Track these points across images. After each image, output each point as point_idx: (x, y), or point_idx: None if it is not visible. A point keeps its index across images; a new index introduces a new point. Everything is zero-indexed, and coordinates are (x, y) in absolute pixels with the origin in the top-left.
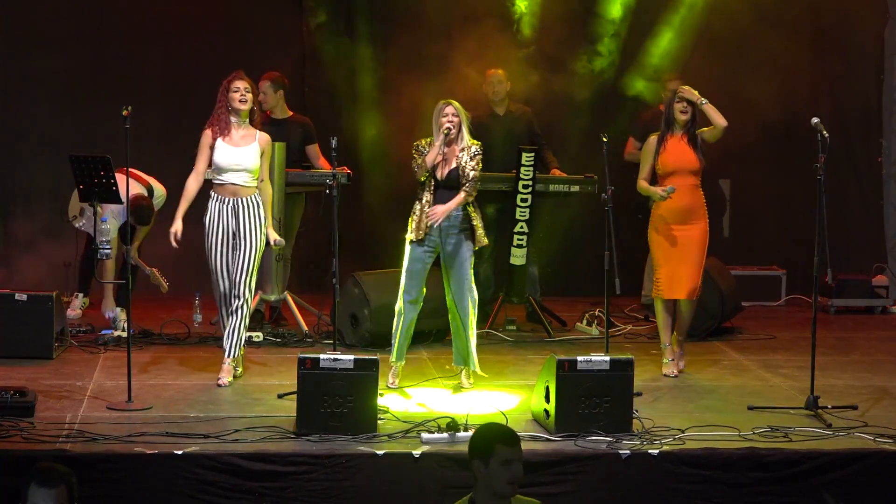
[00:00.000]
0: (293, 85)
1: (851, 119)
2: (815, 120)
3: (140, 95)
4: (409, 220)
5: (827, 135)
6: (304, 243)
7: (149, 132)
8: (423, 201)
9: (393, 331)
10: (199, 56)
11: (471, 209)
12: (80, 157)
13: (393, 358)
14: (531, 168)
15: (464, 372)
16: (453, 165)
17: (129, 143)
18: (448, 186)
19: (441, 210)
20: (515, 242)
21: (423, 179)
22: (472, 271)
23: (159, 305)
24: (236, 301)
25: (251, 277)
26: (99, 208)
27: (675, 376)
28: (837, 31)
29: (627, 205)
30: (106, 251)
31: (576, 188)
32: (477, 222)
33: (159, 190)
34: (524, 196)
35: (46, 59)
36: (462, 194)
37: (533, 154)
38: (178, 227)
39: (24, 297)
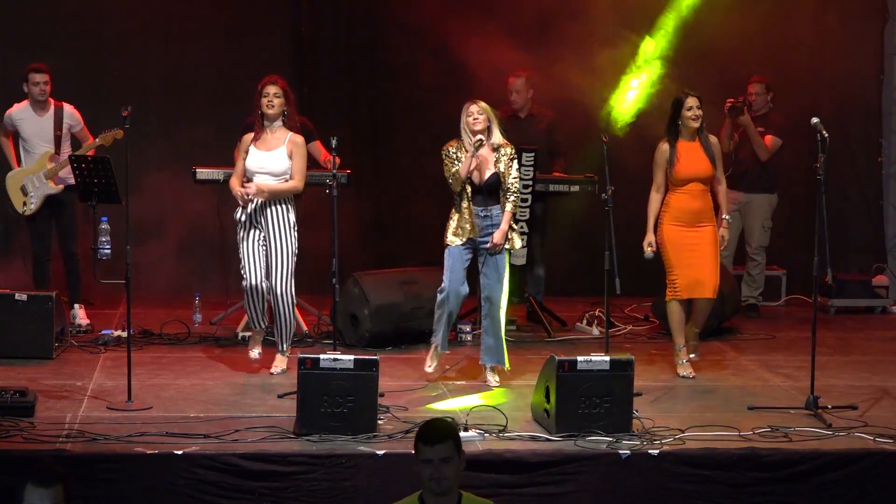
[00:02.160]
0: (292, 83)
1: (851, 119)
2: (815, 120)
3: (140, 95)
4: (448, 224)
5: (827, 135)
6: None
7: (148, 132)
8: (463, 207)
9: (435, 321)
10: (198, 55)
11: None
12: (80, 157)
13: (440, 347)
14: (531, 168)
15: (491, 370)
16: (492, 170)
17: (129, 142)
18: (487, 192)
19: (499, 238)
20: None
21: (458, 190)
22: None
23: (159, 305)
24: (276, 304)
25: (287, 280)
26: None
27: (693, 377)
28: (837, 31)
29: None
30: (106, 251)
31: (576, 188)
32: (513, 224)
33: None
34: (524, 196)
35: (46, 59)
36: (510, 207)
37: (533, 154)
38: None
39: (24, 297)
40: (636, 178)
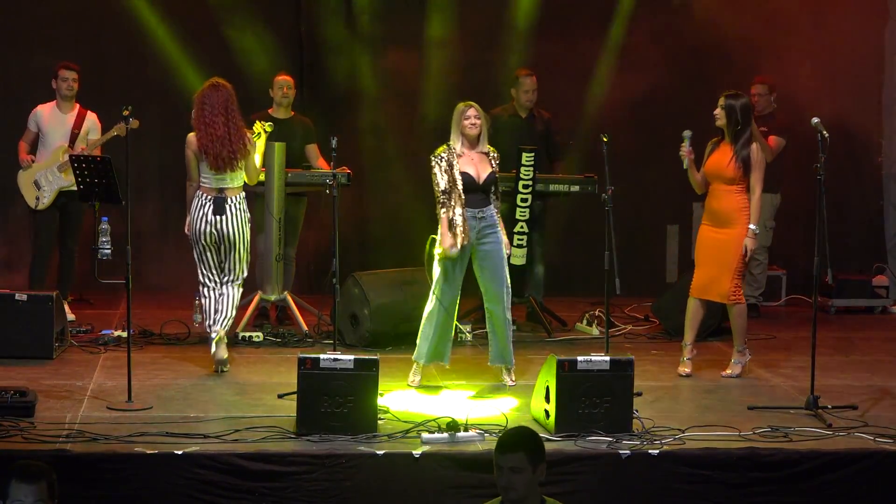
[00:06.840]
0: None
1: (851, 119)
2: (815, 120)
3: (140, 95)
4: (440, 235)
5: (827, 135)
6: (304, 243)
7: (148, 132)
8: (457, 214)
9: (420, 333)
10: (198, 56)
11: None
12: (81, 157)
13: (422, 360)
14: (531, 168)
15: (504, 369)
16: (489, 169)
17: (130, 143)
18: (484, 190)
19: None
20: (515, 242)
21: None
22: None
23: (159, 305)
24: None
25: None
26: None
27: (688, 376)
28: (837, 31)
29: None
30: (106, 251)
31: (576, 188)
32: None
33: None
34: (524, 196)
35: (46, 59)
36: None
37: (533, 154)
38: None
39: (24, 297)
40: None
